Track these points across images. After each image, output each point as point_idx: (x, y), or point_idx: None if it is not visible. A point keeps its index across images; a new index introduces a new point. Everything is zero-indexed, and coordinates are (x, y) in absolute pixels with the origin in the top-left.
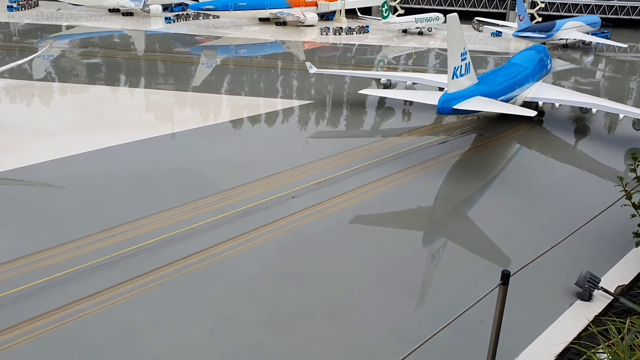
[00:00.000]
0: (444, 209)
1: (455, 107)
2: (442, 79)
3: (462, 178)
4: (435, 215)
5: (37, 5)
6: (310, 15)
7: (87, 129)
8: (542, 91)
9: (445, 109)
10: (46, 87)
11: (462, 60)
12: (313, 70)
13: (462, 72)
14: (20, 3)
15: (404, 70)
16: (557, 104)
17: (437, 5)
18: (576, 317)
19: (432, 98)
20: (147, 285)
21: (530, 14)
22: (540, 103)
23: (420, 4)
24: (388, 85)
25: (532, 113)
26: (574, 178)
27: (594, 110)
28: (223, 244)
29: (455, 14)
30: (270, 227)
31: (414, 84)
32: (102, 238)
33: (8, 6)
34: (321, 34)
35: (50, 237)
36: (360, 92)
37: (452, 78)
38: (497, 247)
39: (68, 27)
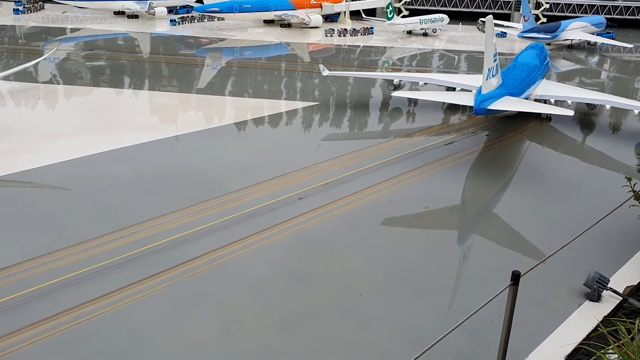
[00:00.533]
0: (452, 209)
1: (490, 107)
2: (454, 79)
3: (469, 179)
4: (443, 216)
5: (43, 8)
6: (315, 17)
7: (94, 132)
8: (549, 88)
9: (482, 109)
10: (52, 90)
11: (494, 61)
12: (326, 72)
13: (494, 73)
14: (26, 6)
15: (415, 71)
16: (569, 101)
17: (441, 6)
18: (585, 318)
19: (465, 99)
20: (156, 287)
21: (535, 14)
22: (551, 101)
23: (424, 5)
24: (398, 86)
25: (570, 112)
26: (582, 177)
27: (607, 106)
28: (231, 246)
29: (491, 16)
30: (278, 228)
31: (425, 84)
32: (110, 240)
33: (14, 9)
34: (326, 35)
35: (59, 239)
36: (393, 94)
37: (487, 79)
38: (505, 248)
39: (73, 30)
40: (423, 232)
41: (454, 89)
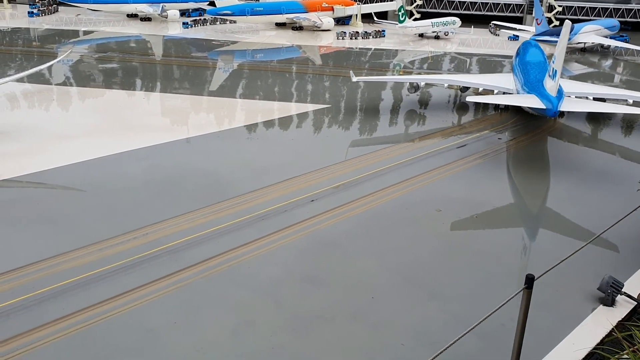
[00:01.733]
0: (464, 212)
1: (562, 109)
2: (482, 80)
3: (481, 182)
4: (454, 218)
5: (57, 11)
6: (327, 20)
7: (107, 133)
8: (574, 87)
9: (557, 112)
10: (66, 92)
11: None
12: (355, 78)
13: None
14: (41, 9)
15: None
16: (630, 100)
17: (453, 9)
18: (599, 322)
19: (533, 102)
20: (168, 288)
21: (547, 17)
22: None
23: (436, 8)
24: (417, 88)
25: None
26: (596, 181)
27: (630, 100)
28: (243, 247)
29: (569, 21)
30: (290, 230)
31: (449, 86)
32: (123, 241)
33: (29, 12)
34: (337, 38)
35: (72, 239)
36: (466, 100)
37: (554, 81)
38: (518, 251)
39: (87, 32)
40: (435, 235)
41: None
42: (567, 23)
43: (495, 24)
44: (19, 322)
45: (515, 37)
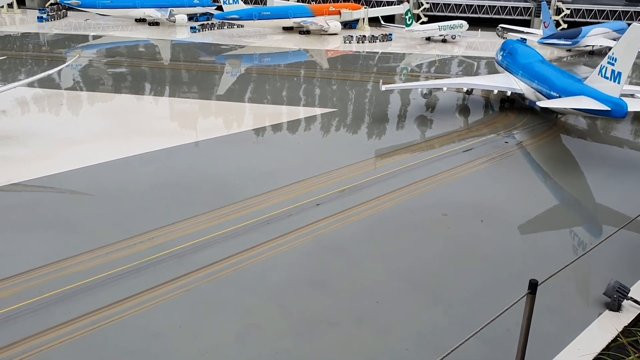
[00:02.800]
0: (470, 216)
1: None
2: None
3: (487, 186)
4: (460, 223)
5: (66, 15)
6: (334, 24)
7: (115, 137)
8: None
9: (626, 113)
10: (74, 96)
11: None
12: (384, 87)
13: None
14: (50, 14)
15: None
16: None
17: (460, 12)
18: (605, 328)
19: (601, 105)
20: (174, 292)
21: (555, 20)
22: None
23: (443, 12)
24: (429, 94)
25: None
26: (603, 185)
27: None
28: (249, 251)
29: (636, 24)
30: (295, 234)
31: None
32: (130, 245)
33: (38, 17)
34: (344, 42)
35: (79, 243)
36: (540, 104)
37: (619, 84)
38: (523, 255)
39: (96, 37)
40: (440, 239)
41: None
42: (635, 26)
43: (502, 27)
44: (26, 325)
45: (523, 41)
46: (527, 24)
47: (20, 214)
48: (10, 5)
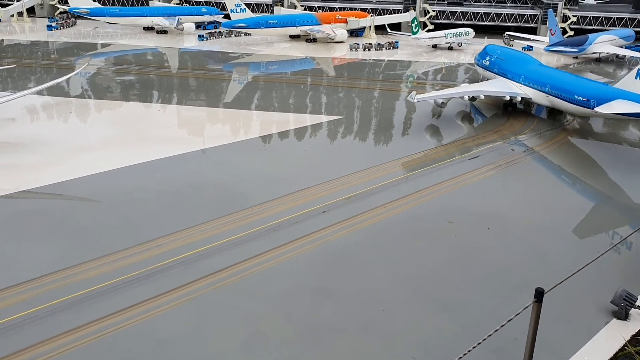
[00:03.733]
0: (476, 224)
1: None
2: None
3: (494, 193)
4: (467, 230)
5: (75, 24)
6: (340, 32)
7: (123, 145)
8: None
9: None
10: (83, 104)
11: None
12: (415, 99)
13: None
14: (59, 22)
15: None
16: None
17: (467, 20)
18: (612, 336)
19: None
20: (181, 299)
21: (562, 28)
22: None
23: (450, 19)
24: (445, 104)
25: None
26: (609, 192)
27: None
28: (255, 258)
29: None
30: (301, 241)
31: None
32: (137, 252)
33: (47, 25)
34: (351, 50)
35: (87, 250)
36: (615, 112)
37: None
38: (530, 263)
39: (104, 45)
40: (447, 247)
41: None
42: None
43: (509, 35)
44: (33, 333)
45: (530, 48)
46: (533, 31)
47: (28, 221)
48: (20, 14)
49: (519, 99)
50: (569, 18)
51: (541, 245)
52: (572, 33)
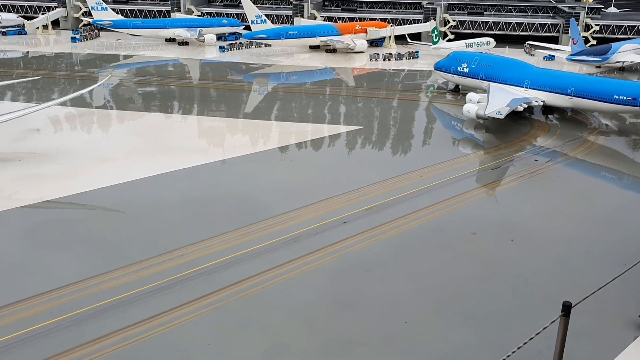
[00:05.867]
0: (500, 235)
1: None
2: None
3: (517, 204)
4: (490, 242)
5: (98, 36)
6: (360, 42)
7: (145, 156)
8: None
9: None
10: (106, 115)
11: None
12: (502, 114)
13: None
14: (83, 34)
15: None
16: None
17: (487, 29)
18: None
19: None
20: (203, 309)
21: (584, 37)
22: None
23: (470, 29)
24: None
25: None
26: (636, 203)
27: None
28: (276, 269)
29: None
30: (322, 252)
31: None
32: (159, 262)
33: (71, 37)
34: (370, 60)
35: (110, 260)
36: None
37: None
38: (554, 276)
39: (126, 57)
40: (470, 259)
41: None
42: None
43: (530, 44)
44: (57, 342)
45: (552, 57)
46: (555, 40)
47: (52, 231)
48: (45, 27)
49: (535, 103)
50: (592, 27)
51: (566, 257)
52: (594, 42)
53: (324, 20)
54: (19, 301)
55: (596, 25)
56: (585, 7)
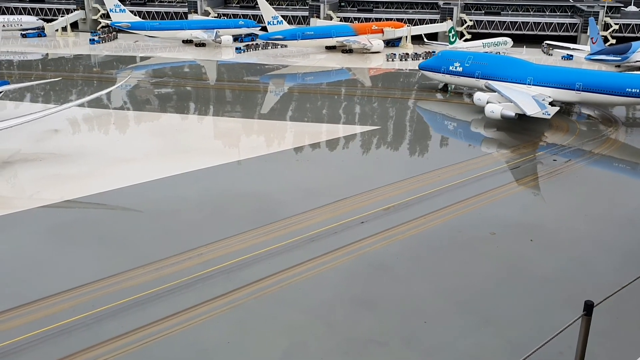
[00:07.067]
0: (519, 235)
1: None
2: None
3: (536, 204)
4: (509, 242)
5: (117, 38)
6: (376, 42)
7: (163, 156)
8: None
9: None
10: (123, 116)
11: None
12: (549, 114)
13: None
14: (101, 36)
15: None
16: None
17: (504, 29)
18: None
19: None
20: (222, 308)
21: (603, 36)
22: None
23: (487, 29)
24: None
25: None
26: None
27: None
28: (294, 268)
29: None
30: (340, 252)
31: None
32: (179, 261)
33: (90, 39)
34: (387, 60)
35: (130, 259)
36: None
37: None
38: (574, 276)
39: (144, 58)
40: (489, 259)
41: None
42: None
43: (548, 44)
44: (78, 339)
45: (570, 57)
46: (573, 40)
47: (72, 230)
48: (64, 29)
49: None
50: (611, 26)
51: (586, 257)
52: (614, 41)
53: (340, 20)
54: (41, 299)
55: (615, 24)
56: (604, 6)
